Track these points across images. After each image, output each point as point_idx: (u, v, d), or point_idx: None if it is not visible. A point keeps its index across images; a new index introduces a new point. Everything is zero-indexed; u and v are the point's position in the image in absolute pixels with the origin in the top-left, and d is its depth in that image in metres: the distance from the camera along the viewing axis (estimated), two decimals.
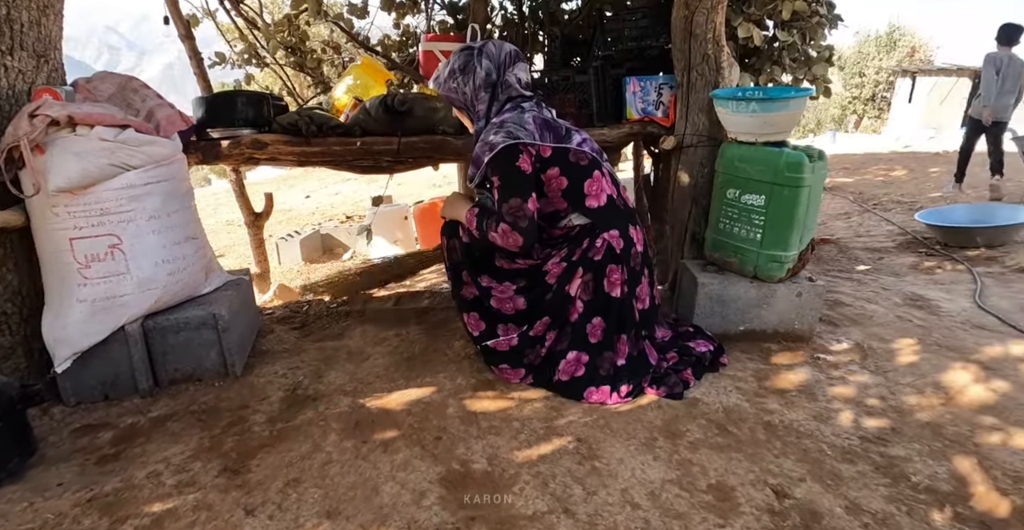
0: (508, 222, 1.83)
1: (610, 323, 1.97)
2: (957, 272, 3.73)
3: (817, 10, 3.01)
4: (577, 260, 1.95)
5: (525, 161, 1.84)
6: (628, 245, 1.97)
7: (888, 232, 4.80)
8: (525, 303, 2.02)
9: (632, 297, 2.00)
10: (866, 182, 7.92)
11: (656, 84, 2.73)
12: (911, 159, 11.05)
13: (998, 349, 2.52)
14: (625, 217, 2.02)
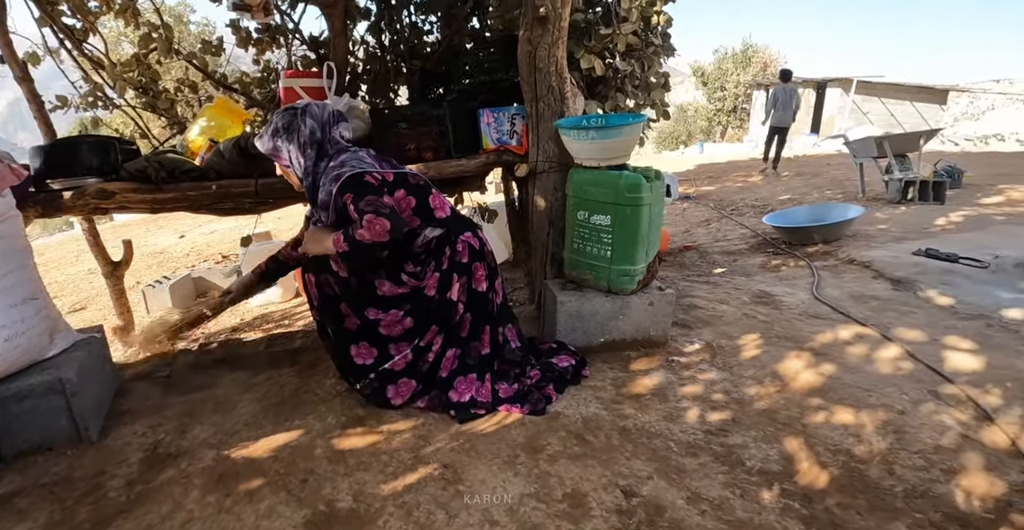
0: (370, 212, 1.87)
1: (477, 316, 2.16)
2: (799, 268, 4.13)
3: (652, 41, 3.28)
4: (448, 267, 2.11)
5: (372, 178, 1.96)
6: (482, 243, 2.20)
7: (742, 235, 5.23)
8: (413, 321, 2.12)
9: (492, 291, 2.20)
10: (727, 189, 8.56)
11: (509, 114, 2.87)
12: (769, 169, 12.04)
13: (829, 335, 2.83)
14: (470, 223, 2.23)
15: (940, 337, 2.83)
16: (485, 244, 2.23)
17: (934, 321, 3.05)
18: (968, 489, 1.69)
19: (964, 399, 2.22)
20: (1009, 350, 2.71)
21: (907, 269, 3.78)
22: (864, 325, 2.95)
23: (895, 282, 3.65)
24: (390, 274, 2.10)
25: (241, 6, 3.55)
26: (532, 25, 2.65)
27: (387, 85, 4.25)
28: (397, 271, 2.11)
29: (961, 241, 4.52)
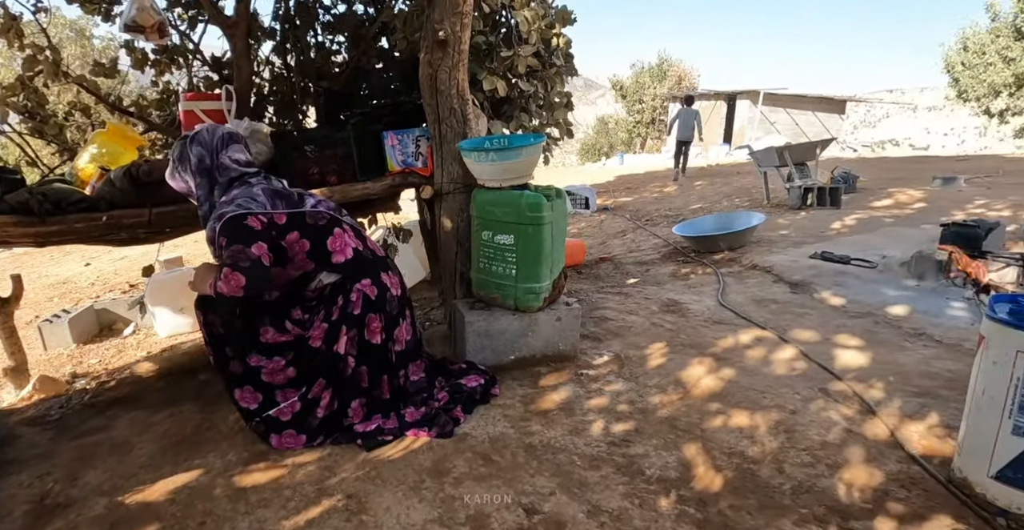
0: (228, 264, 1.81)
1: (374, 368, 2.10)
2: (707, 275, 4.31)
3: (554, 62, 3.37)
4: (338, 319, 2.02)
5: (254, 221, 1.87)
6: (382, 291, 2.10)
7: (655, 245, 5.41)
8: (296, 371, 2.04)
9: (390, 341, 2.14)
10: (643, 200, 8.83)
11: (414, 137, 2.89)
12: (680, 176, 12.48)
13: (730, 340, 2.97)
14: (375, 265, 2.14)
15: (832, 336, 3.01)
16: (389, 289, 2.14)
17: (827, 321, 3.24)
18: (850, 482, 1.80)
19: (851, 394, 2.37)
20: (892, 345, 2.92)
21: (804, 272, 4.01)
22: (764, 328, 3.11)
23: (793, 285, 3.86)
24: (274, 320, 2.03)
25: (134, 27, 3.43)
26: (432, 48, 2.68)
27: (295, 106, 4.18)
28: (283, 317, 2.04)
29: (854, 243, 4.83)
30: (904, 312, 3.35)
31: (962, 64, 20.81)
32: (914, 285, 3.97)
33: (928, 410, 2.23)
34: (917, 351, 2.84)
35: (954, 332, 3.04)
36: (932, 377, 2.53)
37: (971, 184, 8.15)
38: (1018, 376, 1.54)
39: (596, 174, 14.92)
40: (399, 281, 2.22)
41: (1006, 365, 1.57)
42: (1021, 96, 19.45)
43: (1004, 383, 1.58)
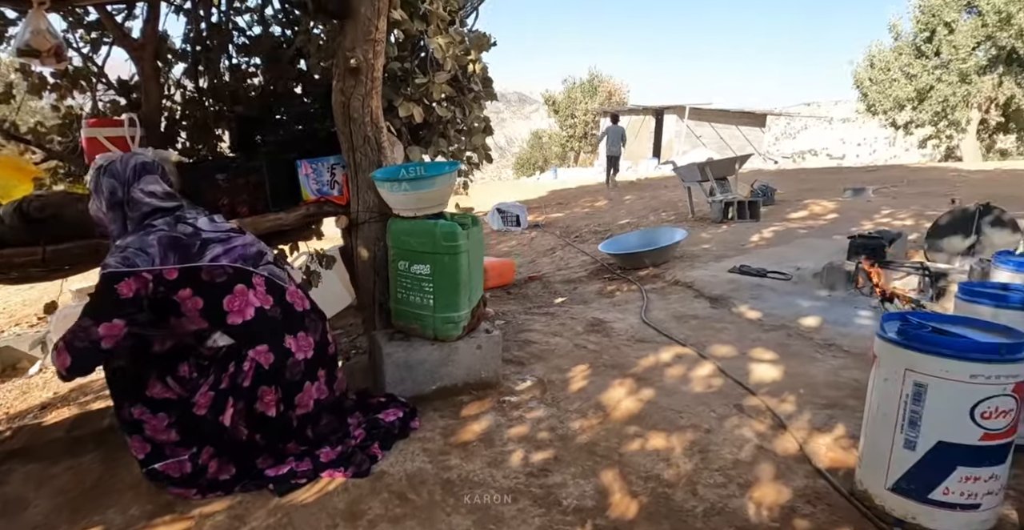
0: (66, 340, 1.71)
1: (270, 436, 1.99)
2: (631, 292, 4.39)
3: (471, 88, 3.38)
4: (226, 388, 1.88)
5: (127, 286, 1.75)
6: (281, 358, 1.95)
7: (583, 262, 5.49)
8: (179, 435, 1.89)
9: (291, 409, 2.00)
10: (575, 215, 8.97)
11: (329, 165, 2.84)
12: (611, 188, 12.76)
13: (651, 359, 3.02)
14: (280, 327, 1.98)
15: (748, 350, 3.11)
16: (292, 354, 1.97)
17: (744, 335, 3.35)
18: (759, 500, 1.85)
19: (764, 409, 2.45)
20: (804, 357, 3.04)
21: (724, 287, 4.14)
22: (684, 345, 3.19)
23: (713, 300, 3.98)
24: (160, 373, 1.89)
25: (28, 52, 3.26)
26: (344, 76, 2.66)
27: (209, 131, 4.05)
28: (168, 372, 1.90)
29: (770, 255, 5.03)
30: (815, 323, 3.50)
31: (870, 80, 22.11)
32: (826, 295, 4.16)
33: (835, 422, 2.33)
34: (827, 362, 2.97)
35: (860, 342, 3.19)
36: (840, 387, 2.64)
37: (879, 194, 8.64)
38: (907, 393, 1.63)
39: (530, 189, 15.08)
40: (314, 341, 2.07)
41: (896, 382, 1.65)
42: (923, 109, 20.78)
43: (895, 400, 1.66)
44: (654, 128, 26.73)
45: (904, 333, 1.67)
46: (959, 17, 19.48)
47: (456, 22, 3.72)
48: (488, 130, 3.40)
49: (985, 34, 18.80)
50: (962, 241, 4.52)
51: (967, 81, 19.56)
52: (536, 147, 45.81)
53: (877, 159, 34.21)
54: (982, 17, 18.71)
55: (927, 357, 1.57)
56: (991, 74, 19.50)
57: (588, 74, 41.19)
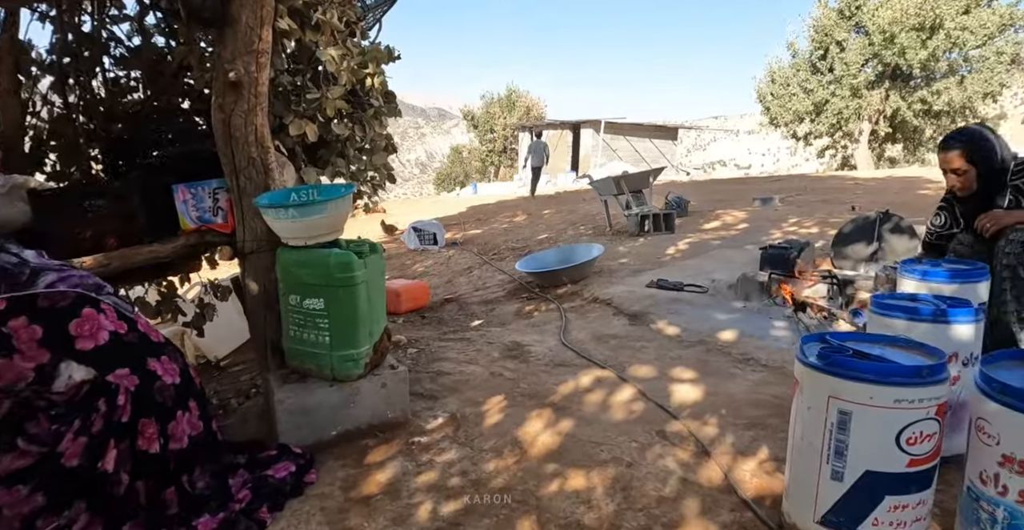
0: None
1: (154, 479, 1.72)
2: (550, 311, 4.27)
3: (371, 103, 3.18)
4: (102, 429, 1.63)
5: None
6: (148, 381, 1.75)
7: (501, 281, 5.35)
8: (46, 498, 1.60)
9: (173, 440, 1.78)
10: (493, 231, 8.84)
11: (210, 189, 2.56)
12: (532, 202, 12.76)
13: (571, 385, 2.89)
14: (141, 351, 1.79)
15: (668, 369, 3.03)
16: (160, 377, 1.77)
17: (663, 353, 3.27)
18: None
19: (686, 435, 2.35)
20: (723, 374, 2.98)
21: (642, 303, 4.08)
22: (603, 368, 3.07)
23: (632, 317, 3.90)
24: (3, 441, 1.60)
25: None
26: (224, 91, 2.41)
27: (81, 153, 3.66)
28: (14, 434, 1.60)
29: (686, 268, 5.04)
30: (733, 337, 3.47)
31: (771, 94, 23.29)
32: (741, 306, 4.18)
33: (758, 444, 2.25)
34: (746, 377, 2.92)
35: (777, 354, 3.18)
36: (760, 405, 2.59)
37: (785, 203, 8.97)
38: (831, 422, 1.54)
39: (450, 205, 14.89)
40: (180, 367, 1.86)
41: (820, 411, 1.56)
42: (820, 122, 22.06)
43: (820, 429, 1.57)
44: (571, 142, 27.17)
45: (825, 358, 1.58)
46: (849, 36, 20.88)
47: (356, 34, 3.52)
48: (390, 148, 3.20)
49: (872, 52, 20.21)
50: (865, 248, 4.66)
51: (858, 95, 20.92)
52: (456, 162, 45.79)
53: (781, 168, 35.95)
54: (869, 36, 20.12)
55: (850, 383, 1.49)
56: (879, 89, 20.95)
57: (506, 89, 41.61)
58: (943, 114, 20.79)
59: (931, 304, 2.11)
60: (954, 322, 1.96)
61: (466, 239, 8.23)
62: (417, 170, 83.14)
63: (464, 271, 6.03)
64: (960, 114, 20.79)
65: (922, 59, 19.14)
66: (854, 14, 20.65)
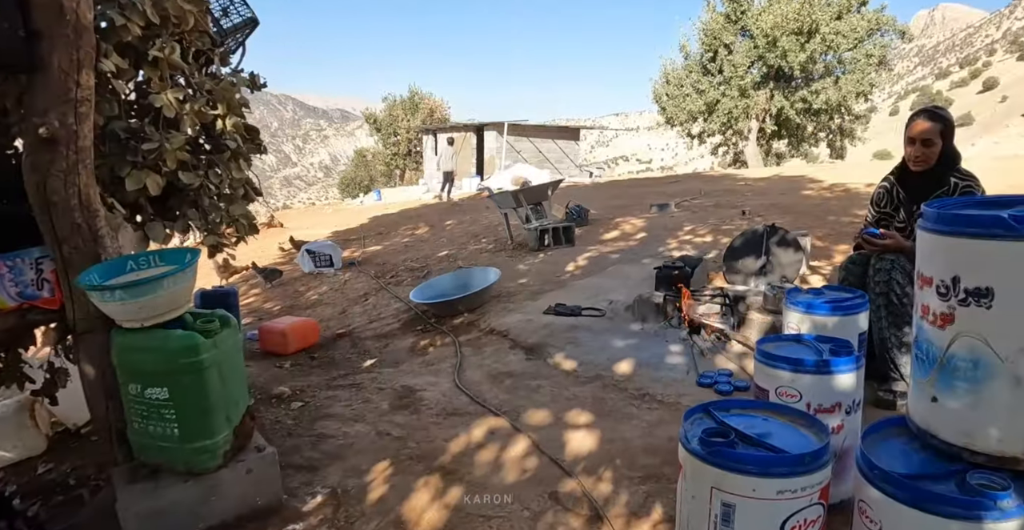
0: None
1: None
2: (445, 346, 4.11)
3: (226, 146, 2.88)
4: None
5: None
6: None
7: (396, 310, 5.13)
8: None
9: None
10: (394, 247, 8.56)
11: (32, 260, 2.23)
12: (435, 212, 12.53)
13: (463, 440, 2.74)
14: None
15: (563, 413, 2.94)
16: None
17: (559, 393, 3.18)
18: None
19: (580, 496, 2.25)
20: (619, 415, 2.92)
21: (539, 334, 3.99)
22: (498, 415, 2.94)
23: (529, 350, 3.80)
24: None
25: None
26: (36, 148, 2.09)
27: None
28: None
29: (585, 288, 5.00)
30: (629, 369, 3.43)
31: (666, 95, 24.08)
32: (639, 329, 4.16)
33: (652, 501, 2.18)
34: (642, 417, 2.87)
35: (671, 387, 3.16)
36: (655, 452, 2.53)
37: (681, 208, 9.19)
38: (716, 513, 1.46)
39: (351, 215, 14.40)
40: None
41: (703, 501, 1.48)
42: (712, 121, 23.01)
43: (704, 519, 1.49)
44: (476, 144, 27.07)
45: (708, 446, 1.50)
46: (736, 40, 21.93)
47: (214, 62, 3.22)
48: (250, 196, 2.92)
49: (757, 55, 21.31)
50: (754, 262, 4.78)
51: (746, 95, 22.00)
52: (361, 166, 44.77)
53: (680, 161, 37.16)
54: (754, 40, 21.19)
55: (733, 475, 1.42)
56: (764, 89, 22.10)
57: (409, 91, 41.06)
58: (822, 112, 22.22)
59: (814, 351, 2.10)
60: (836, 372, 1.96)
61: (365, 258, 7.91)
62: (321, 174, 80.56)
63: (360, 298, 5.75)
64: (837, 111, 22.29)
65: (801, 61, 20.36)
66: (740, 18, 21.70)
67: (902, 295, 2.78)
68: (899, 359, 2.84)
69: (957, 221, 1.31)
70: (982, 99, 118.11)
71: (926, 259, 1.41)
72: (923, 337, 1.43)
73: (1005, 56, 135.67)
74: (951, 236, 1.31)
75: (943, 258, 1.35)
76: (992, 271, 1.25)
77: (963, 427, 1.35)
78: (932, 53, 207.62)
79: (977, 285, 1.26)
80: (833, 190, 10.17)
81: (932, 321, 1.38)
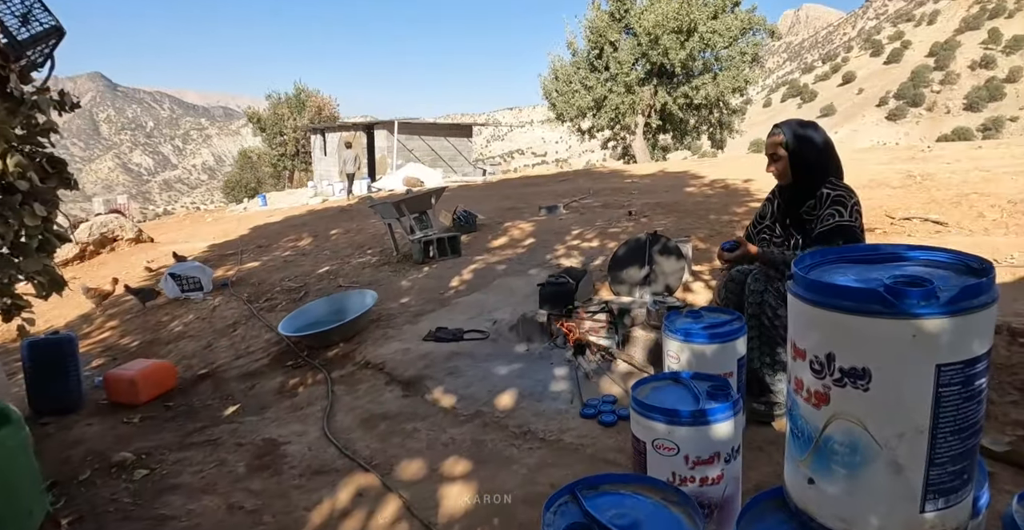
0: None
1: None
2: (317, 384, 3.77)
3: (16, 187, 2.41)
4: None
5: None
6: None
7: (267, 342, 4.70)
8: None
9: None
10: (273, 263, 8.00)
11: None
12: (320, 219, 11.94)
13: (326, 508, 2.45)
14: None
15: (439, 463, 2.70)
16: None
17: (436, 437, 2.95)
18: None
19: None
20: (499, 459, 2.72)
21: (417, 365, 3.73)
22: (368, 469, 2.67)
23: (406, 385, 3.54)
24: None
25: None
26: None
27: None
28: None
29: (469, 306, 4.79)
30: (511, 401, 3.24)
31: (556, 91, 24.33)
32: (524, 351, 4.00)
33: None
34: (523, 461, 2.69)
35: (554, 422, 3.00)
36: (535, 503, 2.35)
37: (569, 209, 9.18)
38: None
39: (232, 225, 13.49)
40: None
41: None
42: (601, 116, 23.47)
43: None
44: (366, 144, 26.30)
45: None
46: (620, 37, 22.45)
47: (9, 81, 2.74)
48: (53, 245, 2.48)
49: (640, 52, 21.93)
50: (638, 271, 4.74)
51: (632, 92, 22.59)
52: (246, 168, 42.51)
53: (573, 153, 37.77)
54: (637, 38, 21.77)
55: None
56: (648, 85, 22.78)
57: (295, 88, 39.38)
58: (702, 106, 23.19)
59: (691, 395, 1.99)
60: (714, 422, 1.84)
61: (240, 276, 7.31)
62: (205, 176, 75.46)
63: (228, 329, 5.23)
64: (716, 106, 23.34)
65: (682, 59, 21.14)
66: (623, 17, 22.23)
67: (773, 317, 2.74)
68: (771, 380, 2.82)
69: (828, 292, 1.17)
70: (842, 91, 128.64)
71: (798, 331, 1.27)
72: (797, 412, 1.30)
73: (860, 52, 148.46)
74: (823, 309, 1.17)
75: (816, 333, 1.21)
76: (868, 350, 1.12)
77: (841, 513, 1.23)
78: (798, 49, 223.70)
79: (853, 365, 1.13)
80: (714, 186, 10.53)
81: (807, 398, 1.25)
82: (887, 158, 11.74)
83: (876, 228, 6.12)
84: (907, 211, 6.66)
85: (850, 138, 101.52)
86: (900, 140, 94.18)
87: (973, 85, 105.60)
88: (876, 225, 6.24)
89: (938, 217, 6.25)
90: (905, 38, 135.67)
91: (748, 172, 10.99)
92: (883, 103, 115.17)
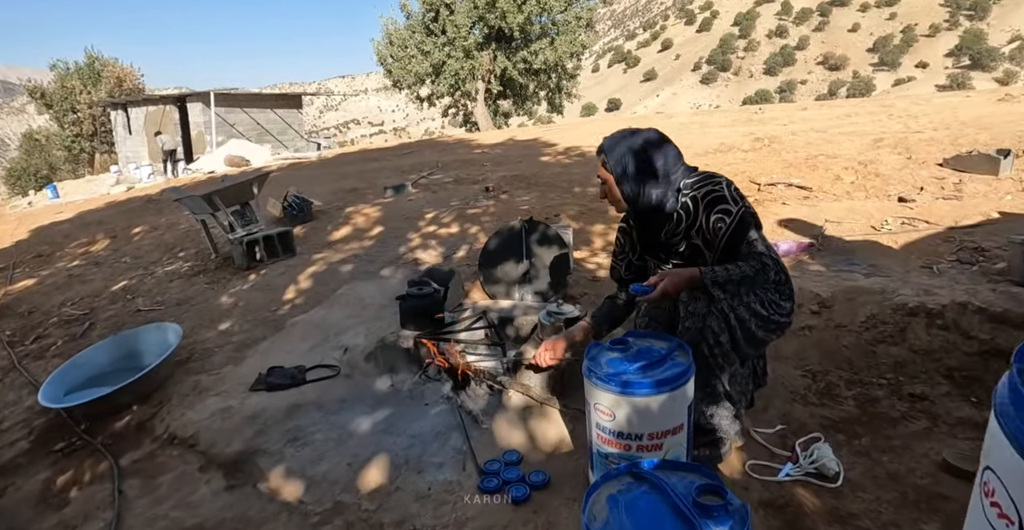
0: None
1: None
2: (99, 480, 2.63)
3: None
4: None
5: None
6: None
7: (29, 412, 3.31)
8: None
9: None
10: (54, 278, 6.30)
11: None
12: (121, 213, 9.94)
13: None
14: None
15: None
16: None
17: None
18: None
19: None
20: None
21: (244, 433, 2.70)
22: None
23: (230, 470, 2.52)
24: None
25: None
26: None
27: None
28: None
29: (310, 329, 3.77)
30: (382, 478, 2.37)
31: (391, 57, 22.85)
32: (387, 388, 3.13)
33: None
34: None
35: (447, 507, 2.18)
36: None
37: (419, 187, 8.24)
38: None
39: (7, 228, 10.91)
40: None
41: None
42: (440, 83, 22.41)
43: None
44: (179, 119, 23.26)
45: None
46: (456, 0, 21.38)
47: None
48: None
49: (478, 15, 21.04)
50: (515, 267, 3.99)
51: (471, 57, 21.73)
52: (34, 152, 36.39)
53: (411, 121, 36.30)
54: (473, 1, 20.84)
55: None
56: (487, 50, 22.03)
57: (87, 57, 34.14)
58: (541, 71, 22.91)
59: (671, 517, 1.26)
60: None
61: (6, 303, 5.62)
62: None
63: None
64: (554, 71, 23.17)
65: (520, 22, 20.60)
66: None
67: (715, 345, 2.11)
68: (707, 413, 2.22)
69: None
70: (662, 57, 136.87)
71: None
72: None
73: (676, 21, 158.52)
74: None
75: None
76: None
77: None
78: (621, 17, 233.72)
79: None
80: (569, 154, 10.04)
81: None
82: (728, 121, 11.94)
83: (747, 195, 5.85)
84: (769, 176, 6.48)
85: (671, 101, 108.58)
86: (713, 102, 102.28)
87: (771, 52, 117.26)
88: (745, 192, 5.98)
89: (801, 182, 6.11)
90: (714, 8, 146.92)
91: (599, 138, 10.64)
92: (697, 68, 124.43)
